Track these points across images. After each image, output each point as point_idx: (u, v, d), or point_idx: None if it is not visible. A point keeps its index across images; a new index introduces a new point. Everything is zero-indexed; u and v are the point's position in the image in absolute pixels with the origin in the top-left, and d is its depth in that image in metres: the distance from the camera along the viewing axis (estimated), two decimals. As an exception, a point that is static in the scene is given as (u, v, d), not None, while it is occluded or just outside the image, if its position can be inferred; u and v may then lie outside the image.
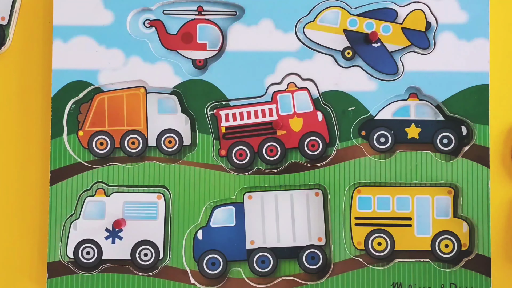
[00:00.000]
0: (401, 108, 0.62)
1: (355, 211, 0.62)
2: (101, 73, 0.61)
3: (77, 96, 0.61)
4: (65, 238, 0.61)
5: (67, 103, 0.61)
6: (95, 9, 0.61)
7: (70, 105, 0.62)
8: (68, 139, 0.62)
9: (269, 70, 0.61)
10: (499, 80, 0.63)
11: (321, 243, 0.62)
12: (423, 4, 0.62)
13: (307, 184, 0.62)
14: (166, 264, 0.61)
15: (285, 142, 0.62)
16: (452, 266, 0.61)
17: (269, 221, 0.62)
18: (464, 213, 0.61)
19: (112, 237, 0.61)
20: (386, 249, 0.61)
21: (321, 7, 0.62)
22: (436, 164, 0.61)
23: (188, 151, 0.62)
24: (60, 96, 0.61)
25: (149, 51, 0.62)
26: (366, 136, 0.62)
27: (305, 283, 0.61)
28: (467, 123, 0.62)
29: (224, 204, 0.62)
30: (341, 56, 0.62)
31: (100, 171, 0.61)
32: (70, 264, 0.61)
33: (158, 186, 0.61)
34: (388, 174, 0.61)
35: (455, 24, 0.62)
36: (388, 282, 0.60)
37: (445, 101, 0.61)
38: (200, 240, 0.62)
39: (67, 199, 0.61)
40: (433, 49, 0.62)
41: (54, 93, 0.61)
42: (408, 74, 0.62)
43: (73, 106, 0.62)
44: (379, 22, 0.62)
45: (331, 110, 0.62)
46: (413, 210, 0.62)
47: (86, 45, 0.61)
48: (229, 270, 0.61)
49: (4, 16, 0.63)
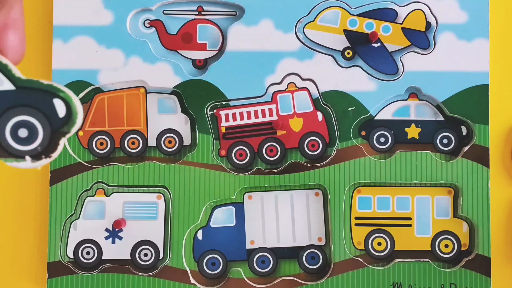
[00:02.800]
0: (401, 108, 0.62)
1: (355, 211, 0.62)
2: (101, 73, 0.61)
3: (77, 96, 0.61)
4: (65, 238, 0.61)
5: (67, 103, 0.61)
6: (95, 9, 0.61)
7: (70, 105, 0.62)
8: (68, 139, 0.61)
9: (269, 70, 0.61)
10: (499, 80, 0.63)
11: (321, 243, 0.62)
12: (423, 4, 0.62)
13: (307, 184, 0.62)
14: (166, 264, 0.61)
15: (285, 142, 0.62)
16: (452, 266, 0.61)
17: (269, 221, 0.62)
18: (464, 213, 0.61)
19: (112, 237, 0.61)
20: (386, 249, 0.61)
21: (321, 7, 0.62)
22: (436, 164, 0.61)
23: (188, 151, 0.62)
24: (60, 96, 0.61)
25: (149, 51, 0.62)
26: (366, 136, 0.62)
27: (305, 283, 0.61)
28: (467, 123, 0.62)
29: (224, 204, 0.62)
30: (341, 56, 0.62)
31: (100, 171, 0.61)
32: (70, 264, 0.61)
33: (158, 186, 0.61)
34: (388, 174, 0.61)
35: (455, 24, 0.62)
36: (388, 282, 0.60)
37: (445, 101, 0.61)
38: (200, 240, 0.61)
39: (67, 199, 0.61)
40: (433, 49, 0.62)
41: (54, 93, 0.61)
42: (408, 74, 0.62)
43: (73, 106, 0.62)
44: (379, 22, 0.62)
45: (331, 110, 0.62)
46: (413, 210, 0.62)
47: (86, 45, 0.61)
48: (229, 270, 0.61)
49: (4, 16, 0.63)
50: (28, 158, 0.31)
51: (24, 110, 0.31)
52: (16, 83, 0.31)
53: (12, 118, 0.31)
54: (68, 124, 0.32)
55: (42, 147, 0.31)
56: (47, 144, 0.31)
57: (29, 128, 0.30)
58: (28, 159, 0.31)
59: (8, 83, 0.31)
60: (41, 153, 0.31)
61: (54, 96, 0.31)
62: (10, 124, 0.31)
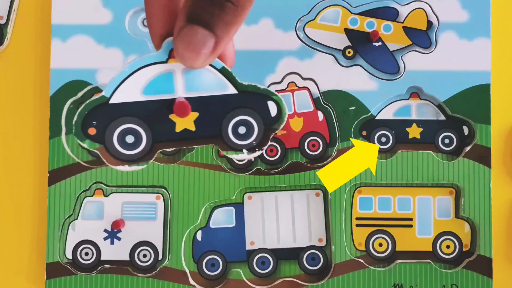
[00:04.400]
0: (402, 107, 0.62)
1: (356, 212, 0.62)
2: (100, 73, 0.61)
3: (75, 96, 0.61)
4: (64, 238, 0.61)
5: (65, 103, 0.61)
6: (93, 8, 0.61)
7: (69, 104, 0.61)
8: (66, 139, 0.61)
9: (269, 69, 0.61)
10: (501, 79, 0.62)
11: (321, 244, 0.61)
12: (424, 3, 0.62)
13: (307, 185, 0.61)
14: (165, 265, 0.60)
15: (285, 142, 0.61)
16: (453, 267, 0.61)
17: (269, 221, 0.62)
18: (466, 214, 0.61)
19: (110, 238, 0.61)
20: (387, 250, 0.61)
21: (321, 6, 0.62)
22: (438, 164, 0.61)
23: (188, 151, 0.61)
24: (58, 95, 0.61)
25: (147, 50, 0.61)
26: (367, 136, 0.62)
27: (305, 284, 0.60)
28: (469, 123, 0.61)
29: (223, 204, 0.62)
30: (342, 55, 0.62)
31: (99, 171, 0.61)
32: (69, 265, 0.60)
33: (157, 187, 0.61)
34: (389, 174, 0.61)
35: (456, 23, 0.61)
36: (389, 283, 0.60)
37: (446, 101, 0.61)
38: (200, 241, 0.61)
39: (65, 199, 0.61)
40: (434, 49, 0.61)
41: (52, 92, 0.61)
42: (409, 74, 0.61)
43: (71, 105, 0.62)
44: (380, 21, 0.62)
45: (332, 109, 0.61)
46: (414, 210, 0.62)
47: (85, 44, 0.61)
48: (228, 271, 0.61)
49: (2, 16, 0.63)
50: (245, 150, 0.37)
51: (245, 111, 0.37)
52: (239, 87, 0.37)
53: (235, 117, 0.37)
54: (278, 122, 0.37)
55: (256, 141, 0.37)
56: (260, 139, 0.37)
57: (247, 126, 0.37)
58: (245, 152, 0.37)
59: (232, 88, 0.37)
60: (255, 146, 0.37)
61: (268, 98, 0.37)
62: (232, 123, 0.37)
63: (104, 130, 0.36)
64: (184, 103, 0.35)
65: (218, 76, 0.36)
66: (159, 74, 0.36)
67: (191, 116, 0.36)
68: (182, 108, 0.35)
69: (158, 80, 0.36)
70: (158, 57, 0.35)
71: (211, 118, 0.36)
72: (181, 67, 0.35)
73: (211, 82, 0.36)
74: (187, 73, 0.36)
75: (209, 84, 0.36)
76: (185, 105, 0.35)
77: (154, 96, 0.36)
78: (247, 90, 0.37)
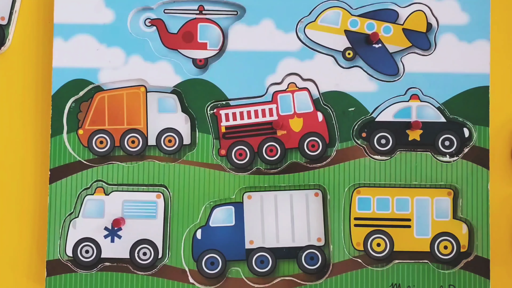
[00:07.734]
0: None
1: (355, 212, 0.62)
2: (102, 72, 0.61)
3: (77, 95, 0.61)
4: (64, 236, 0.61)
5: (67, 102, 0.61)
6: (96, 7, 0.61)
7: (70, 103, 0.62)
8: (68, 137, 0.62)
9: (269, 70, 0.61)
10: (500, 82, 0.63)
11: (320, 243, 0.62)
12: (424, 5, 0.62)
13: (306, 184, 0.62)
14: (165, 263, 0.61)
15: (285, 142, 0.62)
16: (451, 268, 0.61)
17: (269, 221, 0.62)
18: (464, 215, 0.61)
19: (111, 236, 0.61)
20: (385, 250, 0.61)
21: (322, 8, 0.62)
22: (436, 166, 0.61)
23: (188, 151, 0.62)
24: (60, 94, 0.61)
25: (149, 50, 0.62)
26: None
27: (304, 283, 0.61)
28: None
29: (223, 203, 0.62)
30: (342, 57, 0.62)
31: (100, 169, 0.61)
32: (69, 263, 0.61)
33: (157, 185, 0.61)
34: (388, 175, 0.61)
35: (456, 26, 0.62)
36: (387, 283, 0.60)
37: (445, 103, 0.61)
38: (199, 239, 0.61)
39: (66, 197, 0.61)
40: (433, 51, 0.62)
41: (54, 91, 0.61)
42: (408, 75, 0.61)
43: (73, 104, 0.62)
44: (380, 23, 0.62)
45: (331, 110, 0.62)
46: (413, 211, 0.62)
47: (87, 43, 0.61)
48: (228, 270, 0.61)
49: (4, 16, 0.63)
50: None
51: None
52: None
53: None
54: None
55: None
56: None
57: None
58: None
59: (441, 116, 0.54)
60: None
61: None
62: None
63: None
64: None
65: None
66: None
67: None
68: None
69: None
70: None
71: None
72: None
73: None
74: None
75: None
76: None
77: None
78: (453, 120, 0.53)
